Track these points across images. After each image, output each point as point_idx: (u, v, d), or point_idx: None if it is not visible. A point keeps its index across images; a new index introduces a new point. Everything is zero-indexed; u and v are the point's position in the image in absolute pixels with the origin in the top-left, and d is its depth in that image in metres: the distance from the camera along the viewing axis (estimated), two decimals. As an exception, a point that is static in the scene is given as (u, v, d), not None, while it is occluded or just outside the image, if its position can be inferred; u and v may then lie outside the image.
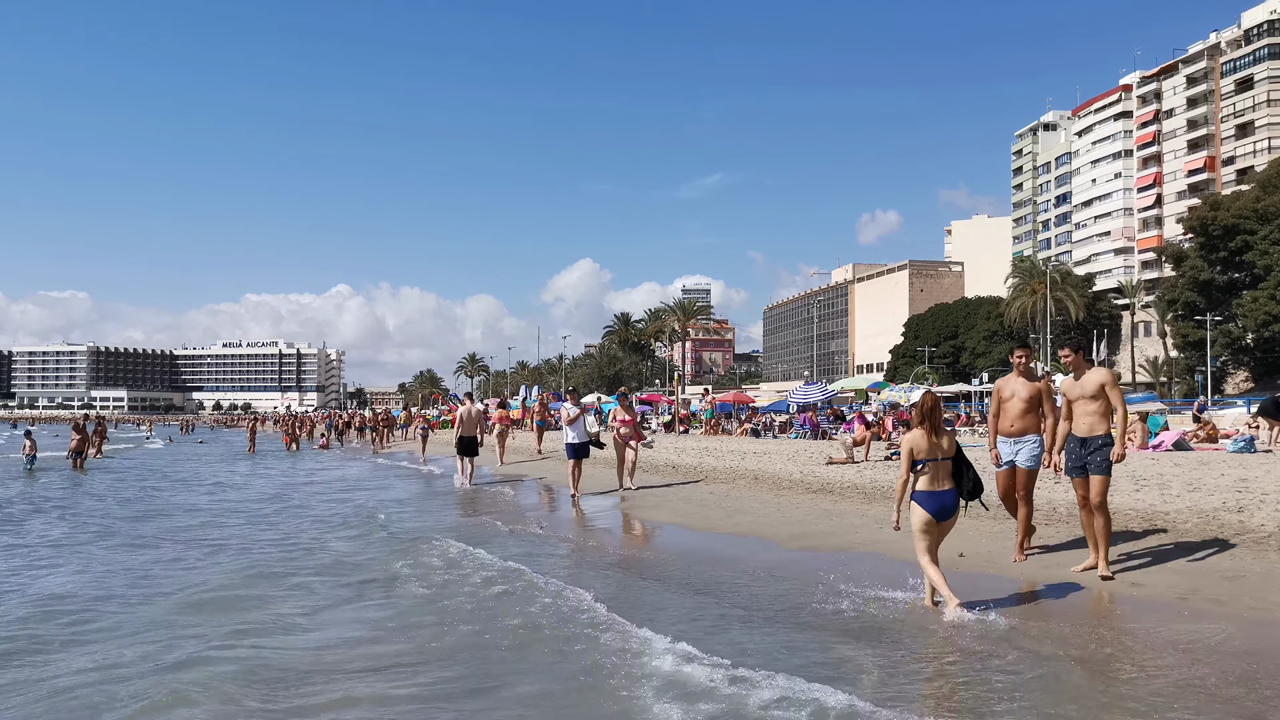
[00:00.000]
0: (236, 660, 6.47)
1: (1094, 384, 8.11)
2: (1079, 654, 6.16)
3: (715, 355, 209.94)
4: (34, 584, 9.56)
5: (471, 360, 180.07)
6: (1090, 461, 8.07)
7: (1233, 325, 70.27)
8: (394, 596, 8.80)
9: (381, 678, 6.10)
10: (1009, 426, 8.82)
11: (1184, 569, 8.21)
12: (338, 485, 22.56)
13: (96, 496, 19.51)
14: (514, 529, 13.29)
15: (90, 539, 12.93)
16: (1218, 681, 5.51)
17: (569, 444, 17.22)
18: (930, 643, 6.68)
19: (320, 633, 7.37)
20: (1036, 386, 8.74)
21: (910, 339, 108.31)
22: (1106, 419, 8.11)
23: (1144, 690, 5.43)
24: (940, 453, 7.36)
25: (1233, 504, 10.72)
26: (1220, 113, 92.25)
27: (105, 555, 11.46)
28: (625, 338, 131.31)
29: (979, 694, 5.50)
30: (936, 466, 7.33)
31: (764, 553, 10.63)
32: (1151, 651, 6.16)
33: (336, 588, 9.24)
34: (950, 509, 7.38)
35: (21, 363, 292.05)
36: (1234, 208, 68.88)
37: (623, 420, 17.59)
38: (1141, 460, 16.37)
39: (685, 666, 5.97)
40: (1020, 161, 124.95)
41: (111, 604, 8.50)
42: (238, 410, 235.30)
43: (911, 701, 5.38)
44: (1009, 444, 8.88)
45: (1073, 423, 8.24)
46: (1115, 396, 8.09)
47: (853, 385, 62.02)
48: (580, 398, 18.06)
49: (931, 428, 7.38)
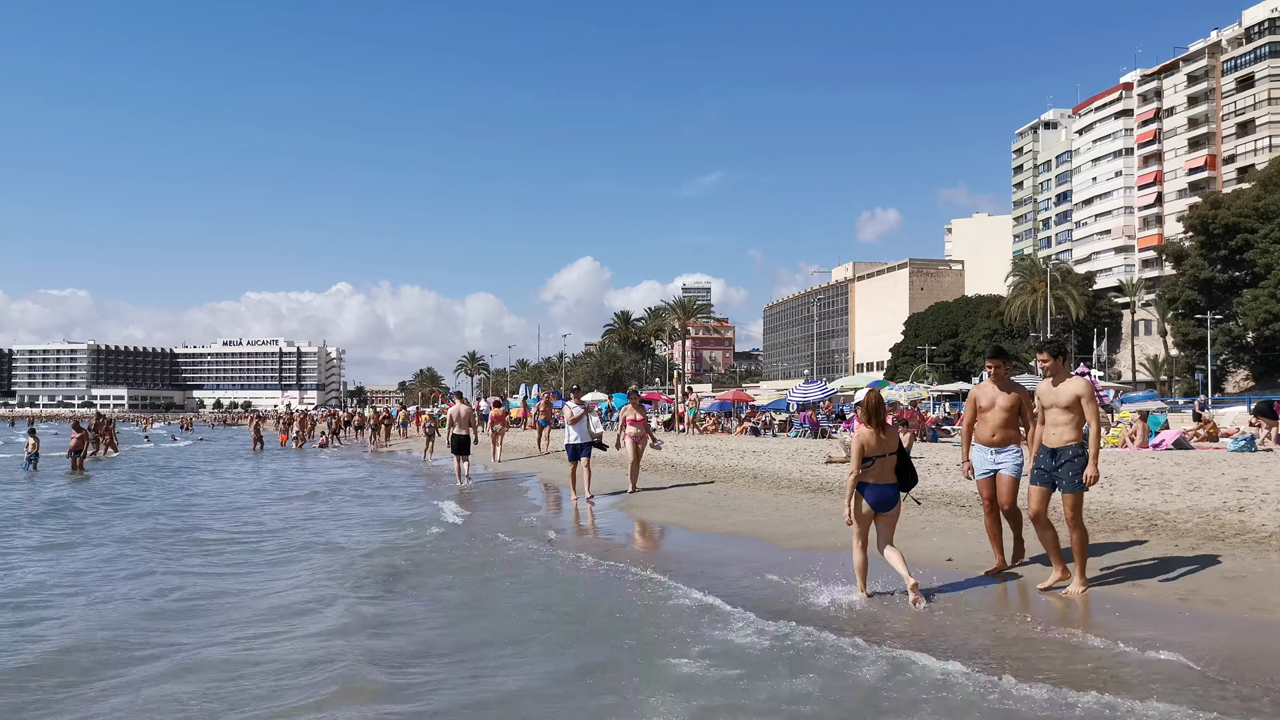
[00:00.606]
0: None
1: (1069, 394, 7.69)
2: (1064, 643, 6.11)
3: (715, 354, 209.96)
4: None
5: (471, 358, 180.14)
6: (1060, 477, 7.70)
7: (1233, 324, 70.19)
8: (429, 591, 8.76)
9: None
10: (990, 436, 8.39)
11: (1184, 569, 8.13)
12: (363, 486, 22.41)
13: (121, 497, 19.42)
14: (512, 526, 13.23)
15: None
16: (1214, 682, 5.45)
17: (569, 444, 16.28)
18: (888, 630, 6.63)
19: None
20: (1017, 395, 8.31)
21: (910, 337, 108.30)
22: (1079, 430, 7.71)
23: (1143, 693, 5.36)
24: (885, 449, 7.75)
25: (1233, 503, 10.68)
26: (1221, 111, 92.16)
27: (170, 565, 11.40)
28: (625, 336, 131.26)
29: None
30: (882, 462, 7.75)
31: (759, 553, 10.56)
32: (1150, 651, 6.10)
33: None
34: (890, 500, 7.83)
35: (22, 361, 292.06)
36: (1235, 206, 68.79)
37: (632, 420, 17.03)
38: (1142, 459, 16.33)
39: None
40: (1021, 160, 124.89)
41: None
42: (238, 409, 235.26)
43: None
44: (990, 453, 8.44)
45: (1044, 431, 7.90)
46: (1090, 411, 7.66)
47: (853, 384, 61.81)
48: (583, 395, 17.13)
49: (878, 425, 7.73)
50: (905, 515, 9.84)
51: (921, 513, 11.76)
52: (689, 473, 19.42)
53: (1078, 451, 7.65)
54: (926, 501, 12.49)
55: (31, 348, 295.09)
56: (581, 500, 15.80)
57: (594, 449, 16.46)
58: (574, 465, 16.29)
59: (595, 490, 16.20)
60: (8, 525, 14.41)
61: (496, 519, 14.42)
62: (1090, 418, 7.66)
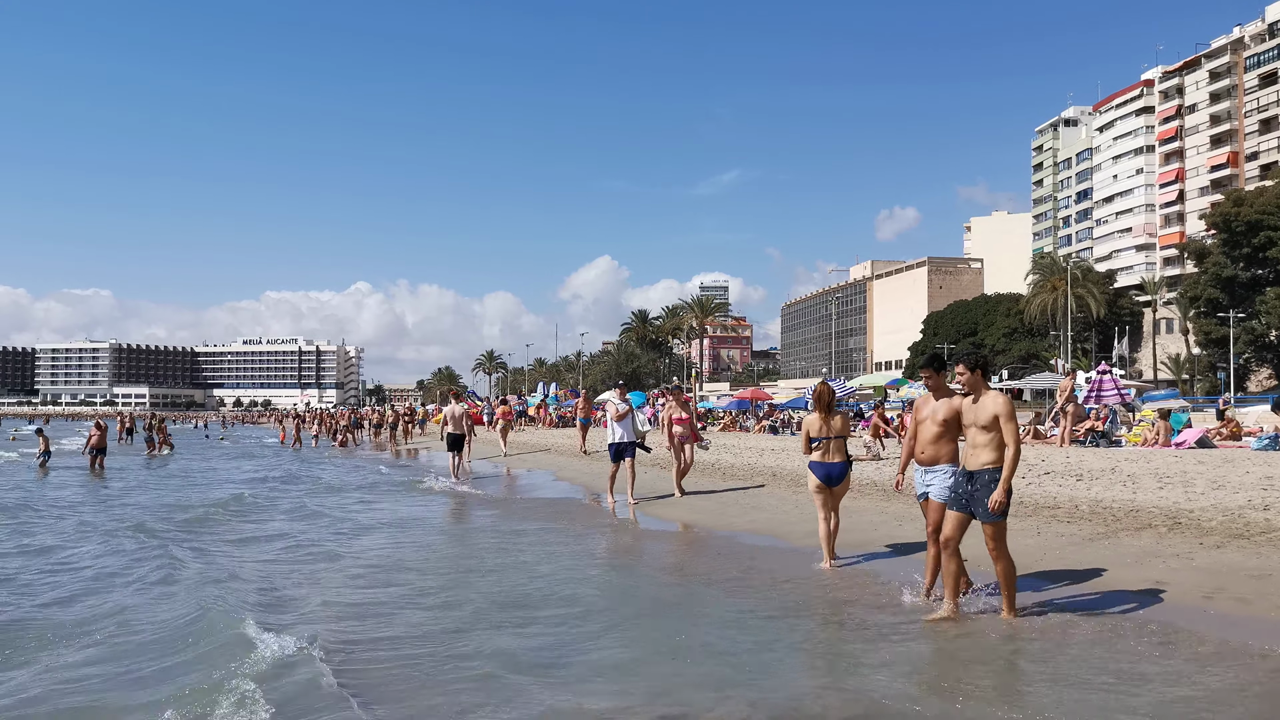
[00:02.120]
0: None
1: (987, 413, 7.02)
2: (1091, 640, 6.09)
3: (733, 352, 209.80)
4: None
5: (489, 357, 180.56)
6: (976, 504, 6.97)
7: (1256, 322, 69.57)
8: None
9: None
10: (919, 452, 7.68)
11: (1209, 567, 8.08)
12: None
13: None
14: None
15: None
16: (1239, 684, 5.43)
17: (613, 444, 15.05)
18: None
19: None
20: (955, 406, 7.42)
21: (929, 336, 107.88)
22: (999, 451, 6.96)
23: (1159, 696, 5.35)
24: (831, 432, 9.19)
25: (1258, 502, 10.60)
26: (1243, 107, 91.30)
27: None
28: (643, 335, 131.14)
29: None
30: (828, 443, 9.19)
31: (775, 550, 10.58)
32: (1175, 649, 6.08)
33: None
34: (836, 477, 9.25)
35: (45, 360, 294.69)
36: (1257, 203, 68.22)
37: (678, 419, 16.10)
38: (1165, 458, 16.23)
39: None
40: (1041, 157, 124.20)
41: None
42: (257, 407, 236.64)
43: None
44: (920, 472, 7.75)
45: (965, 452, 7.25)
46: (1009, 431, 6.91)
47: (871, 382, 61.72)
48: (627, 393, 15.91)
49: (824, 413, 9.20)
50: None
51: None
52: (730, 475, 19.27)
53: (994, 476, 6.93)
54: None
55: (54, 346, 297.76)
56: (622, 504, 14.97)
57: (638, 450, 15.45)
58: (616, 466, 15.17)
59: (648, 495, 15.45)
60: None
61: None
62: (1008, 439, 6.90)
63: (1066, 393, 21.74)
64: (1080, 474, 14.10)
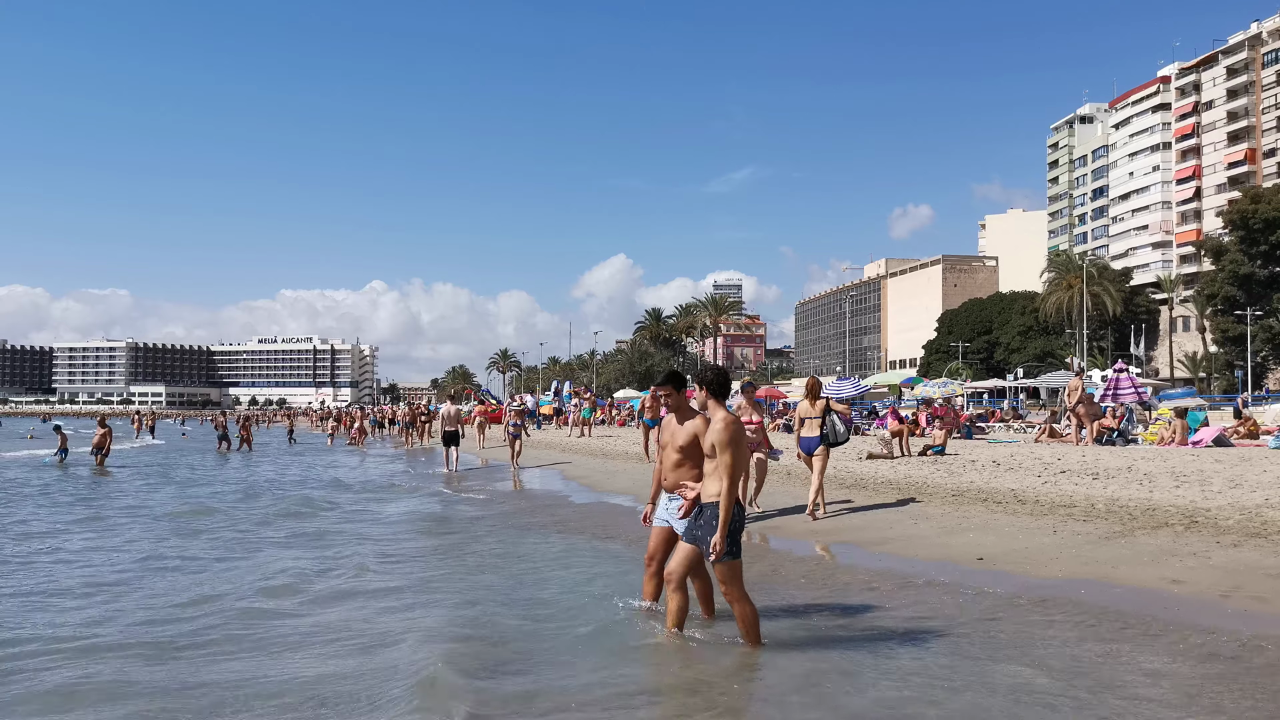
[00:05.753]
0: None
1: (686, 434, 6.38)
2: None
3: (747, 350, 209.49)
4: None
5: (504, 355, 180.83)
6: (701, 541, 6.06)
7: (1273, 320, 69.11)
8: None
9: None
10: (664, 478, 6.73)
11: (1226, 566, 8.09)
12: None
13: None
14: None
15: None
16: (1255, 681, 5.46)
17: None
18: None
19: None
20: (695, 429, 6.45)
21: (944, 334, 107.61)
22: (716, 478, 5.96)
23: (1170, 693, 5.38)
24: (812, 413, 12.08)
25: (1276, 500, 10.59)
26: (1261, 104, 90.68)
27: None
28: (656, 333, 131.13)
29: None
30: (809, 423, 12.08)
31: (788, 550, 10.64)
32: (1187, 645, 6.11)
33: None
34: (811, 448, 12.08)
35: (62, 358, 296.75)
36: (1275, 200, 67.74)
37: (748, 420, 12.98)
38: (1181, 456, 16.19)
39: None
40: (1056, 155, 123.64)
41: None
42: (272, 405, 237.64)
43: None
44: (665, 500, 6.88)
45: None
46: (723, 461, 5.90)
47: (886, 380, 61.83)
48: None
49: (811, 398, 12.18)
50: (942, 511, 12.16)
51: (958, 508, 12.00)
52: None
53: (715, 512, 5.95)
54: (961, 498, 12.74)
55: (71, 345, 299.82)
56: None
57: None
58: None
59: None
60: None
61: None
62: (721, 469, 5.91)
63: (1076, 393, 21.59)
64: (1096, 473, 14.10)
